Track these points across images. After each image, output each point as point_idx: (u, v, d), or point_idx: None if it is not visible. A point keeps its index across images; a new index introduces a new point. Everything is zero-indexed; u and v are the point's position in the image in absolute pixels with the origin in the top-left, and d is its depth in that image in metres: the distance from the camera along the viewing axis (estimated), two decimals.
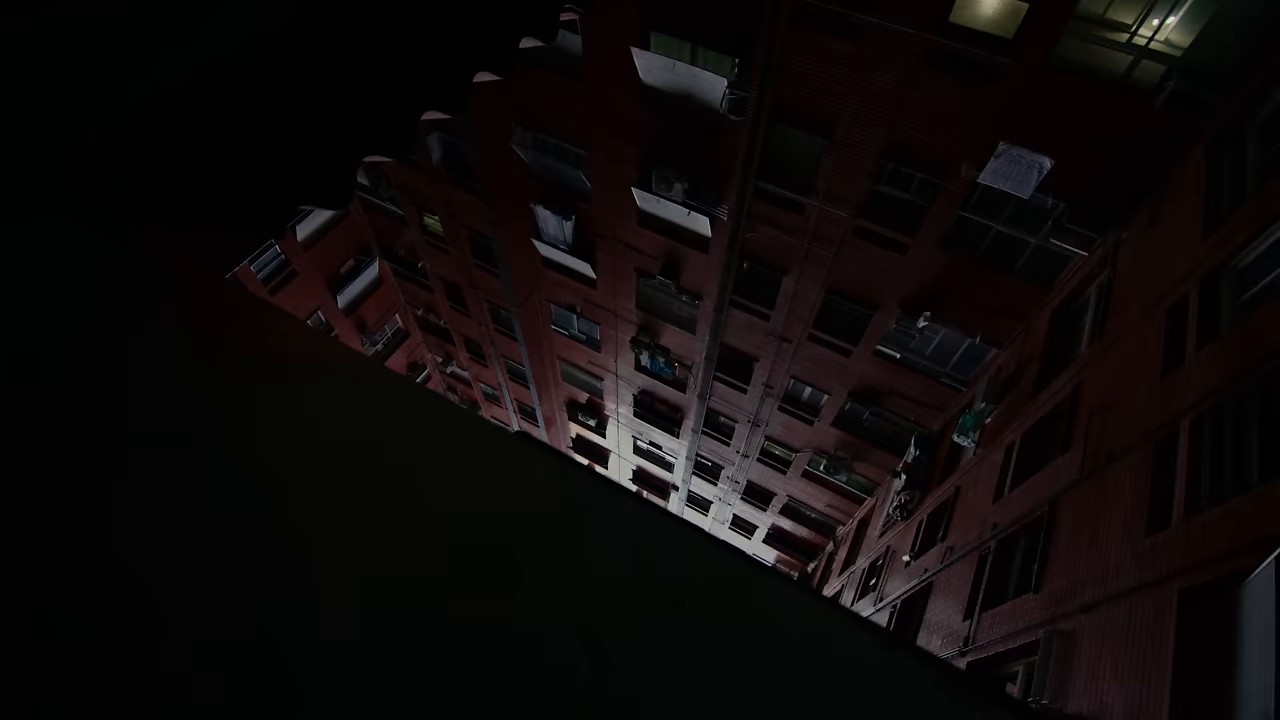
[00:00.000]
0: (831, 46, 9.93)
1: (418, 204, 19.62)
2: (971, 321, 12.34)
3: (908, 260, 12.09)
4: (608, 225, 16.42)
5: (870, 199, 11.68)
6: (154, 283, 1.69)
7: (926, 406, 14.62)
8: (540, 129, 15.20)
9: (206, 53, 1.90)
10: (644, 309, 18.37)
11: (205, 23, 1.98)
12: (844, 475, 17.88)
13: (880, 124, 10.46)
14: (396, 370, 17.17)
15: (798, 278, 13.87)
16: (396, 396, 1.62)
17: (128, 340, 1.51)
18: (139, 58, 1.81)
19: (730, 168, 12.83)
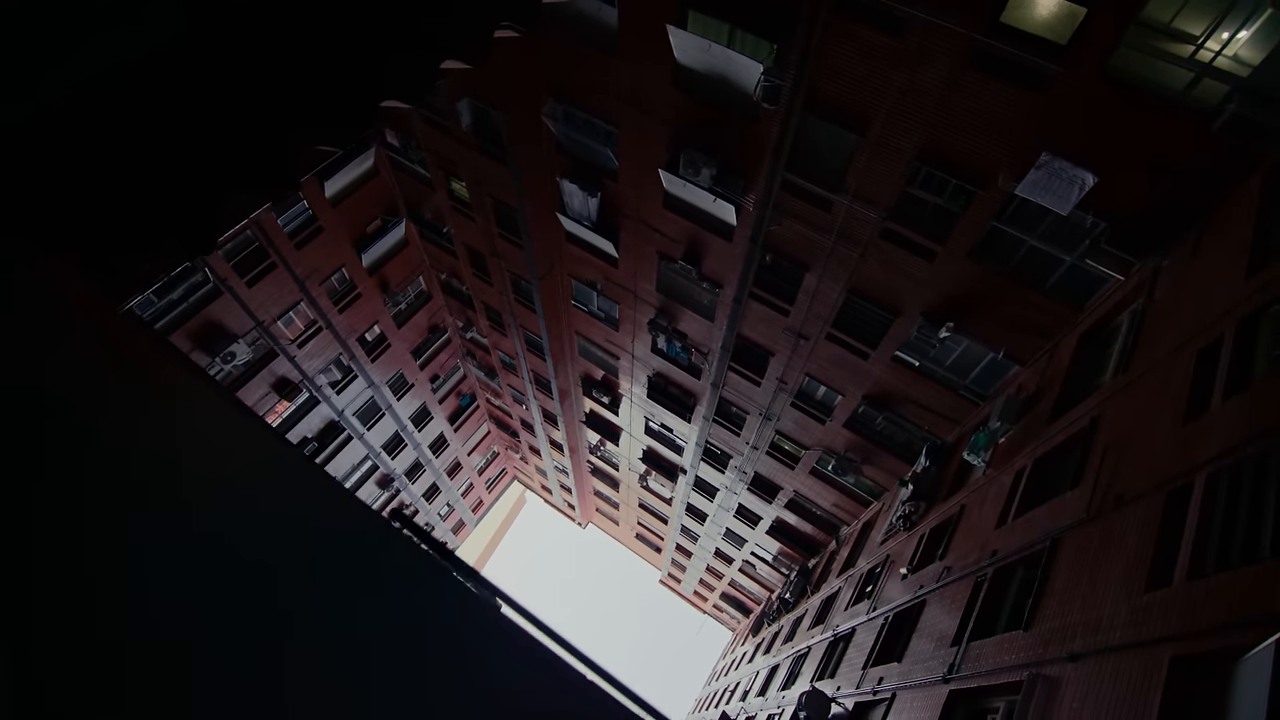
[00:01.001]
0: (873, 39, 9.44)
1: (446, 169, 19.49)
2: (996, 336, 11.90)
3: (935, 268, 11.65)
4: (633, 205, 16.14)
5: (901, 201, 11.23)
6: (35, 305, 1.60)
7: (941, 417, 14.24)
8: (571, 102, 14.90)
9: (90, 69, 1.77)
10: (664, 292, 18.13)
11: (90, 40, 1.84)
12: (852, 477, 17.63)
13: (918, 124, 9.98)
14: (418, 329, 17.32)
15: (820, 276, 13.50)
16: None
17: None
18: (21, 77, 1.68)
19: (759, 157, 12.43)
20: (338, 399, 25.04)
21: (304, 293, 20.98)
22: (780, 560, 26.02)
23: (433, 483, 34.82)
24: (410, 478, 32.52)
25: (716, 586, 36.22)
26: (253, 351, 20.52)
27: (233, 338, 19.51)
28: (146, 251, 2.76)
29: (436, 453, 33.53)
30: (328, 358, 23.52)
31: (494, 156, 17.24)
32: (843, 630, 13.89)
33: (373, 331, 24.88)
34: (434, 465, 33.81)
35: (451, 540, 40.98)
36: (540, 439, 33.03)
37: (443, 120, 17.57)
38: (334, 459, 26.38)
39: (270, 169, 3.83)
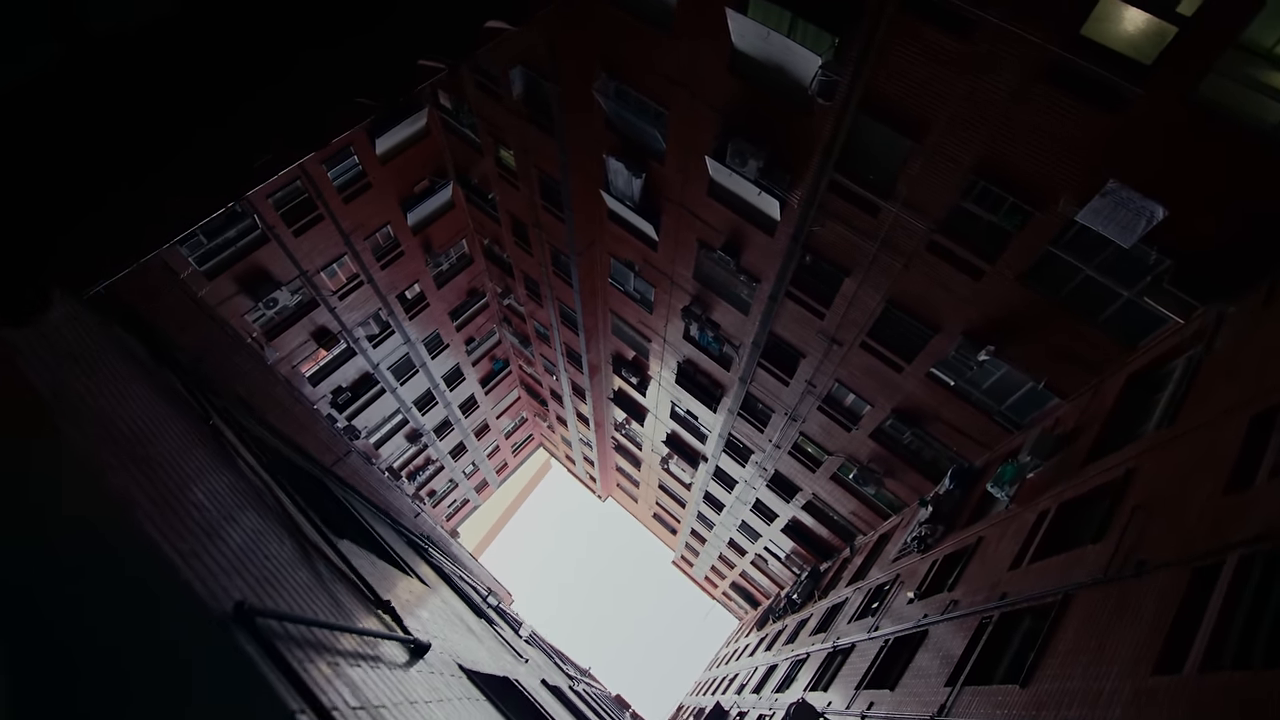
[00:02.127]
0: (939, 41, 8.85)
1: (495, 135, 19.38)
2: (1038, 365, 11.30)
3: (981, 287, 11.07)
4: (677, 190, 15.80)
5: (952, 215, 10.65)
6: None
7: (972, 440, 13.69)
8: (623, 79, 14.56)
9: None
10: (701, 280, 17.81)
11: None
12: (873, 488, 17.21)
13: (979, 135, 9.38)
14: (457, 291, 17.46)
15: (860, 282, 13.00)
16: None
17: None
18: None
19: (809, 154, 11.94)
20: (374, 352, 25.57)
21: (349, 246, 21.32)
22: (793, 559, 25.80)
23: (460, 441, 35.51)
24: (439, 435, 33.21)
25: (727, 575, 36.24)
26: (295, 300, 21.04)
27: (276, 284, 20.00)
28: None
29: (466, 413, 34.11)
30: (367, 312, 23.97)
31: (542, 127, 17.03)
32: (843, 644, 13.67)
33: (413, 290, 25.22)
34: (463, 425, 34.43)
35: (474, 498, 41.93)
36: (568, 410, 33.26)
37: (495, 87, 17.42)
38: (366, 410, 27.06)
39: (307, 124, 3.76)
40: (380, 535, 5.45)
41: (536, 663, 8.00)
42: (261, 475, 3.17)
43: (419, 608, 3.98)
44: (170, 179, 3.47)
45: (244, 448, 3.34)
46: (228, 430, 3.24)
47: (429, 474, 35.15)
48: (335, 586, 2.67)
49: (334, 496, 5.22)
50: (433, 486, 36.62)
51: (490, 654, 5.11)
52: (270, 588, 2.87)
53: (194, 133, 3.41)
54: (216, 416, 3.22)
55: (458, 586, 8.50)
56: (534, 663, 7.45)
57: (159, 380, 3.27)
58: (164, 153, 3.22)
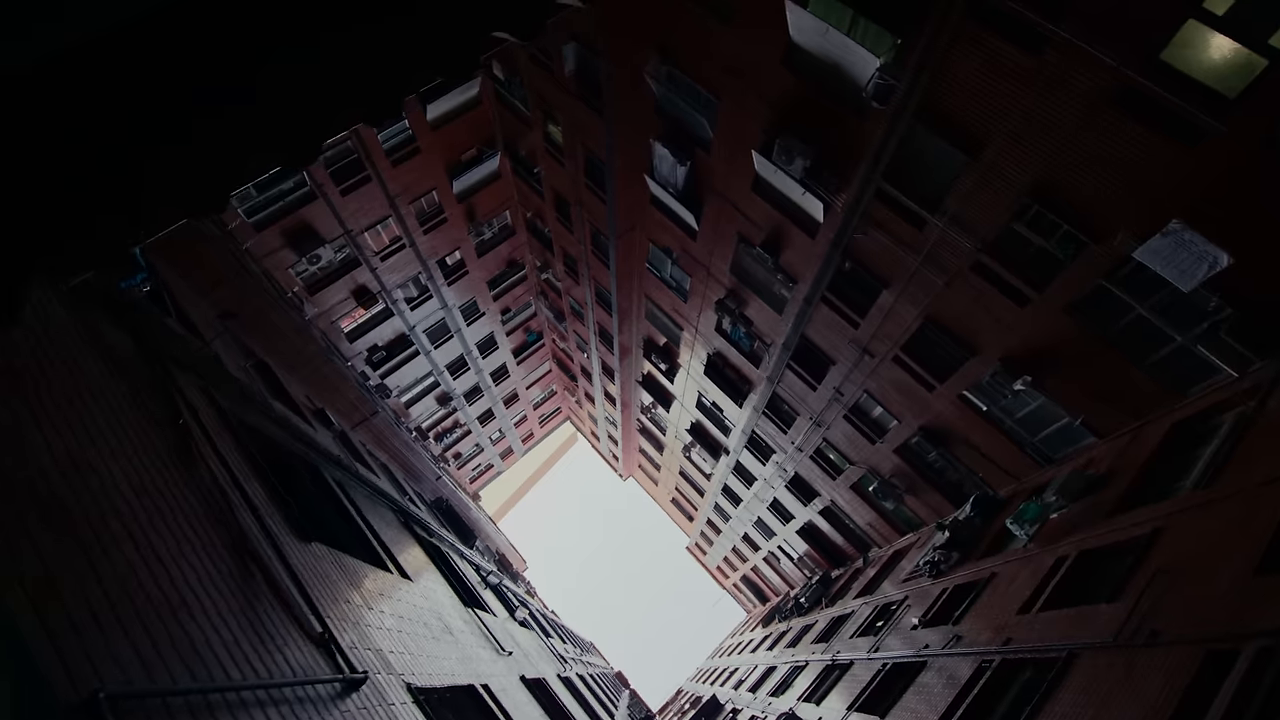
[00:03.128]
0: (1005, 53, 8.33)
1: (545, 110, 19.23)
2: (1077, 401, 10.78)
3: (1025, 314, 10.56)
4: (721, 181, 15.48)
5: (1002, 236, 10.14)
6: None
7: (999, 468, 13.22)
8: (676, 63, 14.22)
9: None
10: (737, 275, 17.50)
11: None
12: (893, 503, 16.84)
13: (1038, 157, 8.86)
14: (497, 261, 17.54)
15: (898, 295, 12.55)
16: None
17: None
18: None
19: (858, 158, 11.49)
20: (411, 314, 25.98)
21: (393, 209, 21.57)
22: (805, 562, 25.58)
23: (489, 408, 36.04)
24: (468, 400, 33.73)
25: (739, 568, 36.22)
26: (338, 257, 21.44)
27: (321, 241, 20.39)
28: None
29: (497, 381, 34.54)
30: (407, 274, 24.31)
31: (591, 106, 16.80)
32: (843, 659, 13.51)
33: (453, 256, 25.44)
34: (493, 392, 34.90)
35: (498, 464, 42.66)
36: (596, 388, 33.39)
37: (548, 61, 17.22)
38: (399, 370, 27.60)
39: (381, 90, 3.73)
40: (368, 523, 5.43)
41: (523, 653, 8.02)
42: (227, 480, 3.11)
43: (383, 613, 3.77)
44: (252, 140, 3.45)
45: (218, 446, 3.27)
46: (199, 430, 3.19)
47: (456, 437, 35.83)
48: (269, 615, 2.55)
49: (325, 485, 5.23)
50: (459, 449, 37.34)
51: (462, 657, 5.10)
52: (171, 648, 2.63)
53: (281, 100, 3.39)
54: (189, 415, 3.17)
55: (451, 569, 8.56)
56: (518, 655, 7.47)
57: (135, 379, 3.23)
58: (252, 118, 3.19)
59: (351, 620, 3.26)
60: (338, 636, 2.87)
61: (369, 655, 3.19)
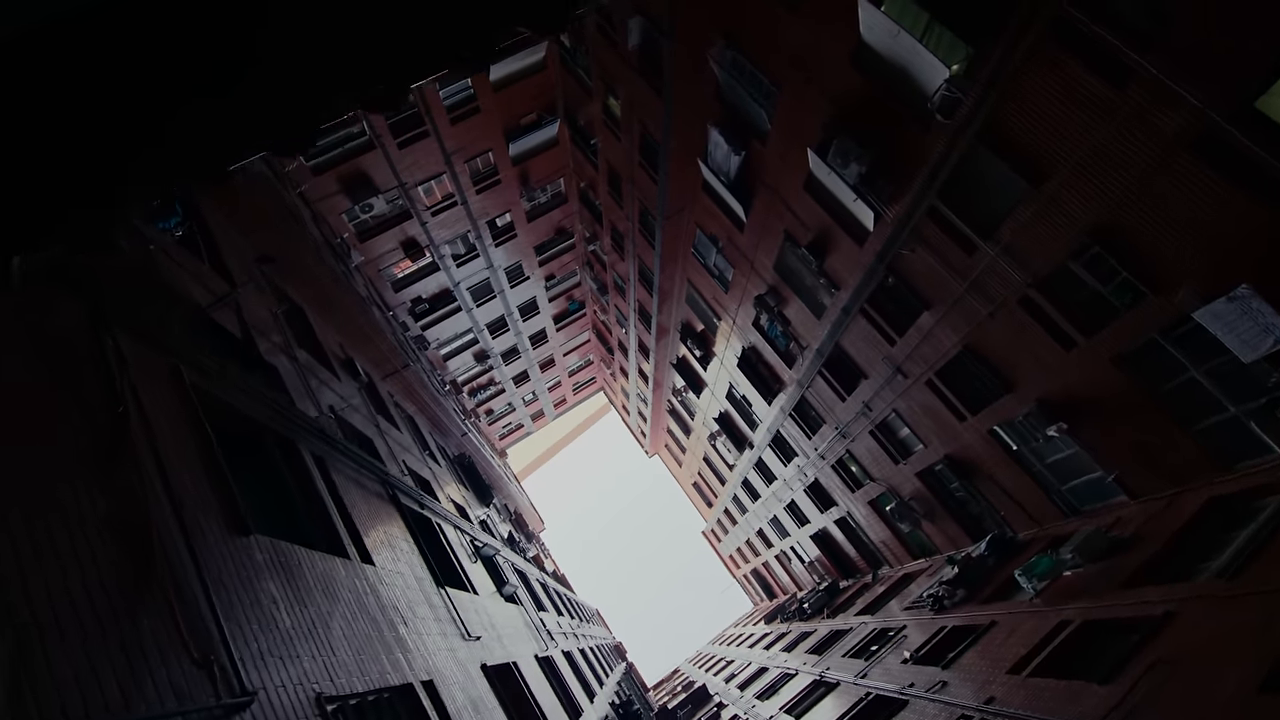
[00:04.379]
0: (1083, 81, 7.67)
1: (606, 82, 18.91)
2: (1113, 456, 10.15)
3: (1069, 358, 9.94)
4: (774, 175, 14.99)
5: (1056, 274, 9.50)
6: None
7: (1022, 510, 12.66)
8: (741, 50, 13.70)
9: None
10: (780, 273, 17.04)
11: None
12: (908, 526, 16.40)
13: (1104, 195, 8.20)
14: (546, 228, 17.53)
15: (939, 319, 11.99)
16: None
17: None
18: None
19: (914, 171, 10.90)
20: (456, 271, 26.32)
21: (448, 166, 21.70)
22: (815, 567, 25.31)
23: (524, 370, 36.50)
24: (505, 359, 34.21)
25: (751, 561, 36.14)
26: (389, 208, 21.77)
27: (375, 191, 20.72)
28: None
29: (535, 345, 34.88)
30: (456, 232, 24.55)
31: (651, 84, 16.41)
32: (830, 677, 13.34)
33: (503, 218, 25.55)
34: (530, 355, 35.29)
35: (528, 425, 43.35)
36: (631, 364, 33.38)
37: (613, 33, 16.84)
38: (440, 324, 28.10)
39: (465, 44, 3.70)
40: (339, 503, 5.40)
41: (496, 635, 8.03)
42: (153, 473, 3.05)
43: (310, 611, 3.81)
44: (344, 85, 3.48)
45: (156, 432, 3.13)
46: (136, 415, 3.13)
47: (490, 394, 36.49)
48: (153, 633, 2.39)
49: (298, 463, 5.24)
50: (492, 406, 38.04)
51: (419, 648, 5.09)
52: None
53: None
54: (129, 396, 3.12)
55: (436, 544, 8.62)
56: (489, 639, 7.49)
57: (73, 361, 3.14)
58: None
59: (264, 624, 3.24)
60: (236, 649, 2.88)
61: (276, 664, 3.20)
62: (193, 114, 2.86)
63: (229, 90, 3.07)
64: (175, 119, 2.79)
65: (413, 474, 14.05)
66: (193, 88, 2.82)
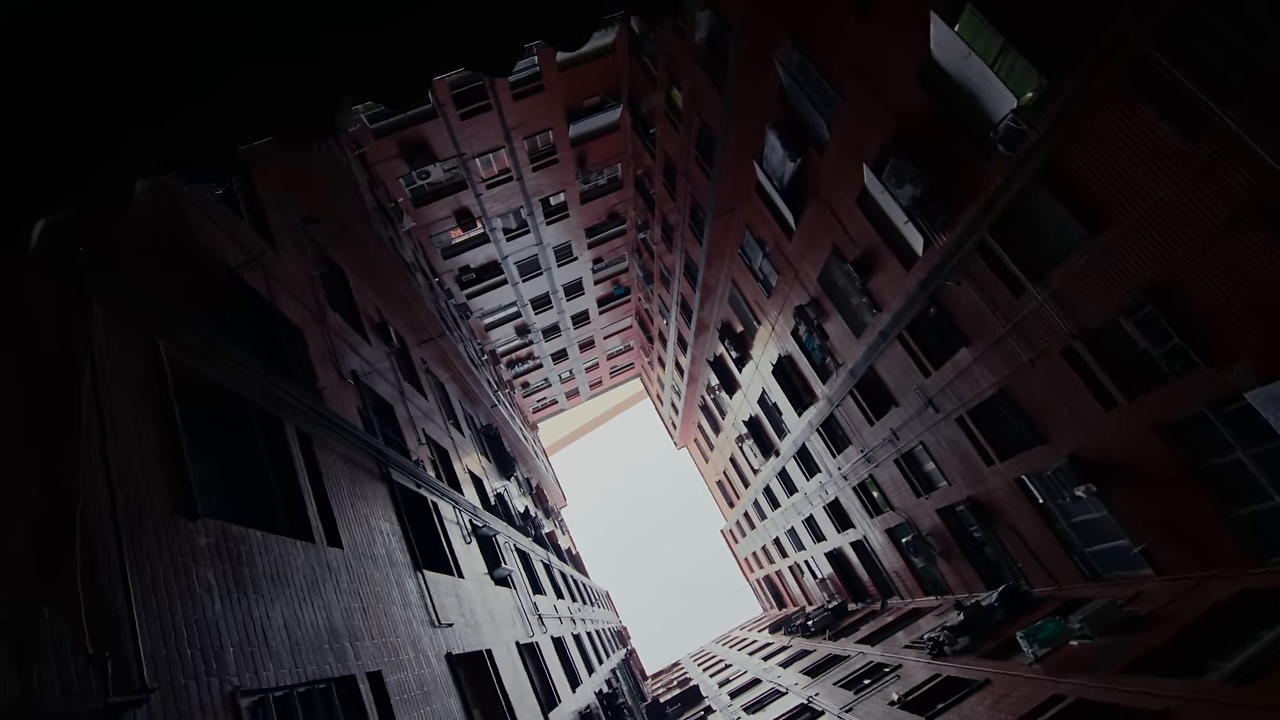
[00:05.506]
0: (1155, 128, 7.11)
1: (671, 72, 18.63)
2: (1142, 527, 9.55)
3: (1108, 418, 9.36)
4: (827, 186, 14.55)
5: (1105, 328, 8.93)
6: None
7: (1040, 565, 12.09)
8: (808, 53, 13.25)
9: None
10: (823, 285, 16.61)
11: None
12: (923, 561, 15.91)
13: (1164, 252, 7.62)
14: (598, 211, 17.52)
15: (977, 357, 11.46)
16: None
17: None
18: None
19: (969, 201, 10.37)
20: (506, 245, 26.59)
21: (507, 141, 21.84)
22: (827, 585, 24.88)
23: (564, 348, 36.80)
24: (545, 336, 34.54)
25: (765, 567, 35.82)
26: (446, 177, 22.08)
27: (433, 159, 21.03)
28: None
29: (577, 325, 35.08)
30: (509, 206, 24.76)
31: (714, 79, 16.08)
32: (817, 705, 13.11)
33: (557, 198, 25.62)
34: (570, 334, 35.54)
35: (563, 402, 43.79)
36: (669, 356, 33.26)
37: (683, 23, 16.52)
38: (485, 294, 28.51)
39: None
40: (317, 483, 5.47)
41: (472, 622, 8.01)
42: (96, 455, 3.04)
43: (246, 600, 3.76)
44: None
45: (107, 415, 3.08)
46: (93, 391, 3.14)
47: (527, 367, 36.95)
48: (52, 630, 2.40)
49: (279, 441, 5.29)
50: (528, 379, 38.54)
51: (374, 637, 5.06)
52: None
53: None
54: (89, 374, 3.12)
55: (428, 524, 8.67)
56: (463, 625, 7.51)
57: (36, 341, 3.13)
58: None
59: (189, 615, 3.23)
60: (148, 641, 2.91)
61: (193, 658, 3.21)
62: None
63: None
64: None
65: (431, 442, 14.33)
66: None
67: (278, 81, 3.26)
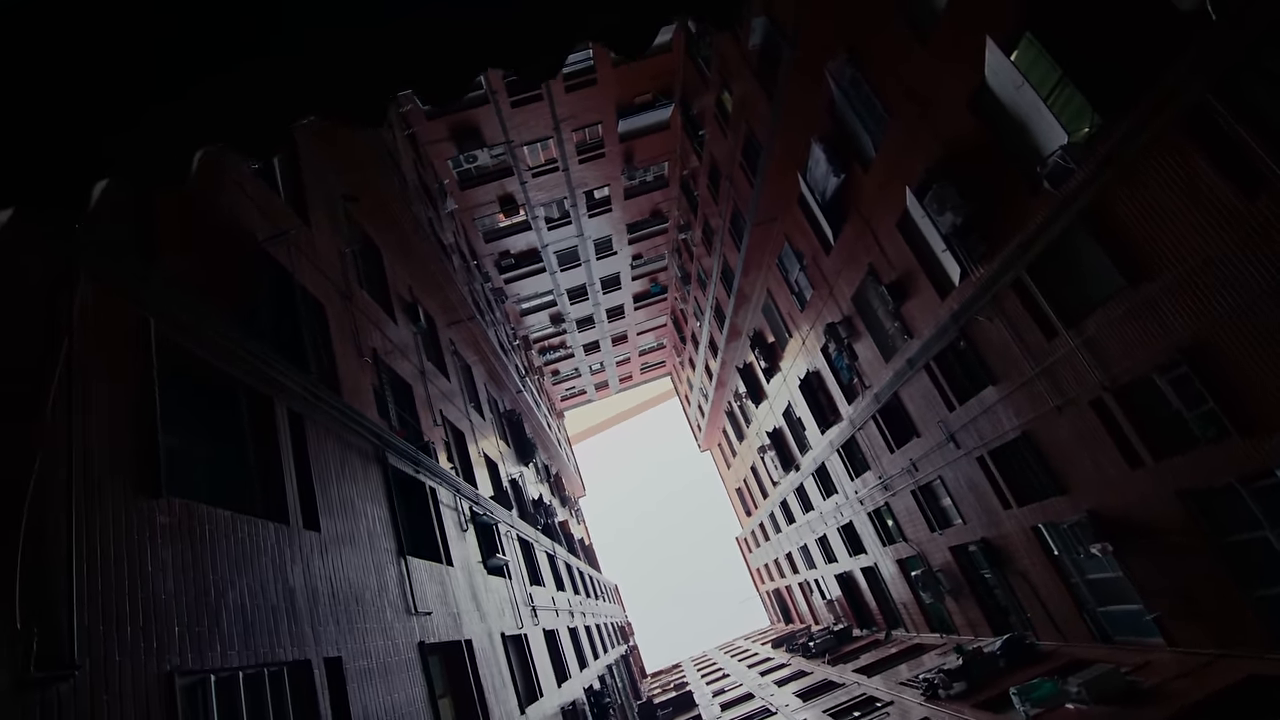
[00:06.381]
0: (1209, 181, 6.70)
1: (724, 75, 18.42)
2: (1158, 594, 9.09)
3: (1133, 477, 8.92)
4: (868, 206, 14.21)
5: (1137, 383, 8.50)
6: None
7: (1049, 619, 11.64)
8: (861, 68, 12.94)
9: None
10: (857, 305, 16.25)
11: None
12: (931, 596, 15.49)
13: (1206, 312, 7.19)
14: (642, 207, 17.38)
15: (1003, 397, 11.06)
16: None
17: None
18: None
19: (1009, 236, 9.98)
20: (547, 234, 26.78)
21: (556, 132, 21.95)
22: (835, 607, 24.47)
23: (597, 340, 36.95)
24: (579, 326, 34.73)
25: (775, 580, 35.43)
26: (493, 163, 22.33)
27: (482, 144, 21.28)
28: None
29: (611, 318, 35.17)
30: (553, 196, 24.91)
31: (764, 86, 15.84)
32: None
33: (601, 191, 25.67)
34: (604, 327, 35.65)
35: (591, 393, 44.01)
36: (699, 358, 33.08)
37: (739, 28, 16.30)
38: (522, 280, 28.80)
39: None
40: (302, 465, 5.54)
41: (453, 611, 7.63)
42: (62, 433, 3.10)
43: (219, 578, 3.85)
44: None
45: (77, 393, 3.12)
46: (65, 365, 3.19)
47: (559, 356, 37.22)
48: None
49: (266, 421, 5.36)
50: (559, 367, 38.82)
51: (339, 623, 5.00)
52: None
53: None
54: (65, 349, 3.18)
55: (423, 510, 8.72)
56: (442, 614, 7.41)
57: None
58: None
59: (135, 593, 3.32)
60: (85, 617, 2.86)
61: (132, 635, 3.23)
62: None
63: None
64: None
65: (448, 424, 14.54)
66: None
67: (335, 58, 3.01)
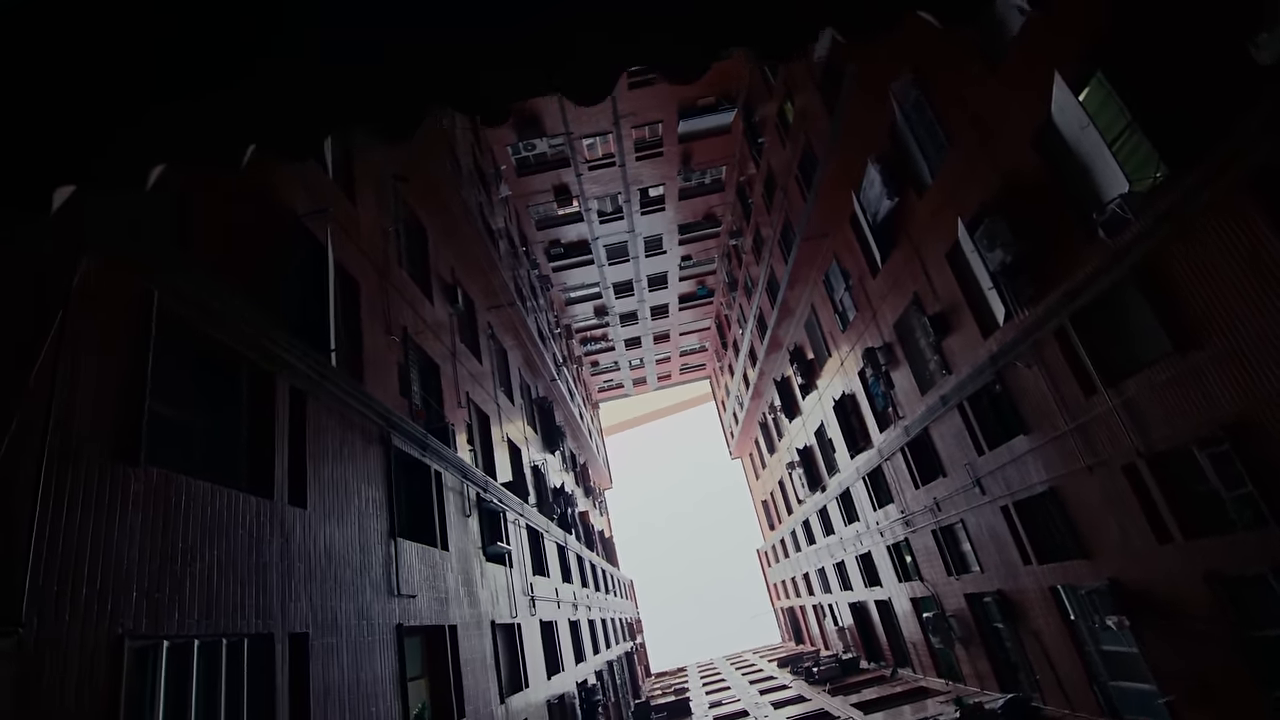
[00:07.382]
0: (1269, 246, 6.22)
1: (788, 85, 18.11)
2: (1173, 679, 8.56)
3: (1160, 552, 8.40)
4: (919, 232, 13.78)
5: (1174, 454, 7.99)
6: None
7: (1058, 684, 11.11)
8: (925, 90, 12.52)
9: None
10: (898, 332, 15.80)
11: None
12: (940, 641, 15.00)
13: (1256, 390, 6.69)
14: (695, 209, 17.29)
15: (1033, 448, 10.57)
16: None
17: None
18: None
19: (1057, 281, 9.50)
20: (599, 227, 26.92)
21: (615, 127, 22.00)
22: (845, 635, 23.96)
23: (639, 336, 37.02)
24: (623, 321, 34.84)
25: (790, 599, 34.91)
26: (551, 153, 22.54)
27: (541, 133, 21.51)
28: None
29: (655, 317, 35.16)
30: (607, 190, 25.00)
31: (826, 101, 15.51)
32: None
33: (656, 190, 25.63)
34: (647, 324, 35.68)
35: (628, 388, 44.13)
36: (739, 365, 32.78)
37: None
38: (570, 270, 29.05)
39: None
40: (297, 442, 5.67)
41: (439, 595, 7.52)
42: (44, 398, 3.27)
43: (189, 548, 3.94)
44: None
45: (63, 358, 3.18)
46: (56, 335, 3.32)
47: (600, 348, 37.44)
48: None
49: (265, 396, 5.52)
50: (598, 359, 39.07)
51: (311, 599, 4.92)
52: None
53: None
54: (59, 321, 3.33)
55: (424, 494, 8.84)
56: (427, 598, 7.44)
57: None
58: None
59: (97, 558, 3.45)
60: (40, 577, 2.93)
61: (88, 599, 3.19)
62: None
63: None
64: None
65: (472, 405, 14.81)
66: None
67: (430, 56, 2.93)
